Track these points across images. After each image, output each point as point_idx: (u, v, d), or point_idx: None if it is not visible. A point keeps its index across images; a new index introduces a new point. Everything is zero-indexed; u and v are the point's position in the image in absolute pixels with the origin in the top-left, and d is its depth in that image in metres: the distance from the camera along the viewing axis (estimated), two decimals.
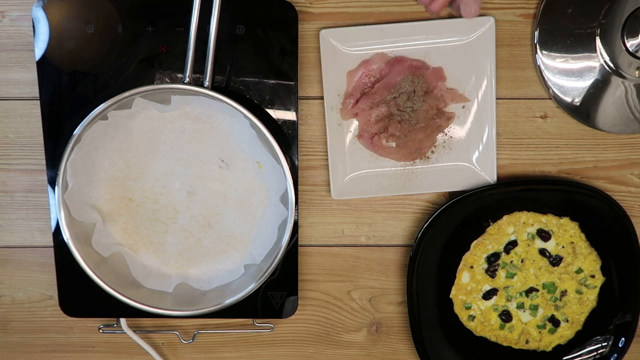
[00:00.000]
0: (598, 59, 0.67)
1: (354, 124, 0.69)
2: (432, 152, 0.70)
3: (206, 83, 0.62)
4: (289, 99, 0.66)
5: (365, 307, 0.74)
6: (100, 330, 0.73)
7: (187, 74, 0.61)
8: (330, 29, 0.66)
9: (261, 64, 0.65)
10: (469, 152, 0.70)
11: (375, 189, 0.70)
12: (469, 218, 0.70)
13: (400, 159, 0.70)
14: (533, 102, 0.70)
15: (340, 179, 0.70)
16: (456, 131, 0.70)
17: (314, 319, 0.75)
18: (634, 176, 0.72)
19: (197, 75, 0.62)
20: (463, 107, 0.69)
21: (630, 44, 0.65)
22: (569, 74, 0.68)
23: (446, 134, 0.70)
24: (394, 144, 0.69)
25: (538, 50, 0.67)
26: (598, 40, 0.66)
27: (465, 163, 0.70)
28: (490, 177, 0.70)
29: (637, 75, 0.66)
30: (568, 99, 0.68)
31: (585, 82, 0.68)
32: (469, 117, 0.69)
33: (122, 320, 0.71)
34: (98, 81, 0.65)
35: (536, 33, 0.67)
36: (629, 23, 0.64)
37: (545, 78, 0.68)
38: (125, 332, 0.72)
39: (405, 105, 0.67)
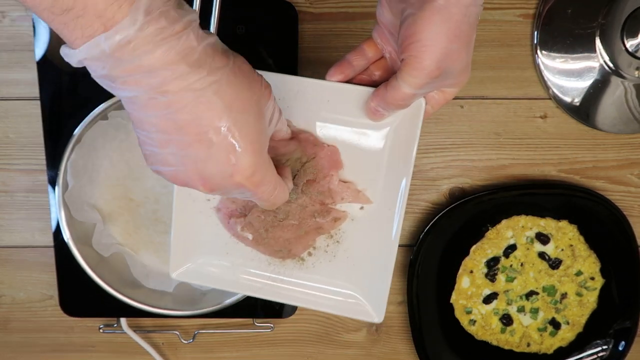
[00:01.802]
0: (598, 59, 0.67)
1: None
2: (310, 254, 0.53)
3: None
4: None
5: None
6: (101, 330, 0.73)
7: None
8: None
9: (261, 64, 0.65)
10: (355, 269, 0.53)
11: (229, 282, 0.54)
12: (468, 223, 0.70)
13: (264, 253, 0.53)
14: (533, 102, 0.70)
15: (183, 257, 0.54)
16: (347, 237, 0.53)
17: (314, 318, 0.75)
18: (634, 176, 0.72)
19: None
20: (362, 208, 0.52)
21: (630, 44, 0.65)
22: (569, 74, 0.68)
23: (332, 237, 0.53)
24: (250, 236, 0.52)
25: (538, 50, 0.67)
26: (598, 41, 0.66)
27: (347, 284, 0.54)
28: (377, 313, 0.52)
29: (636, 76, 0.66)
30: (568, 99, 0.68)
31: (585, 82, 0.68)
32: (367, 225, 0.52)
33: (122, 320, 0.71)
34: None
35: (536, 33, 0.67)
36: (629, 23, 0.65)
37: (545, 78, 0.68)
38: (125, 332, 0.71)
39: None
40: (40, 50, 0.64)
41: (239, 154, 0.37)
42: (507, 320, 0.72)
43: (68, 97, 0.65)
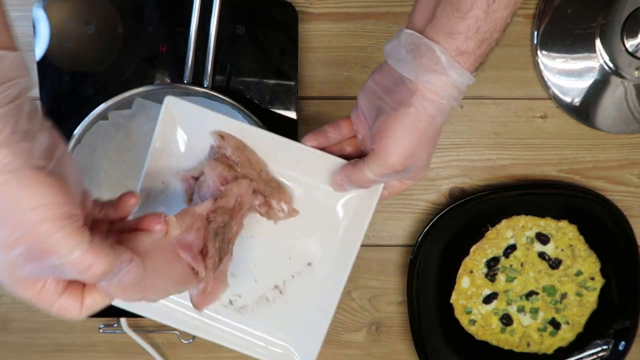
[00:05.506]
0: (598, 59, 0.67)
1: None
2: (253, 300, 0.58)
3: (206, 83, 0.62)
4: (289, 99, 0.66)
5: (365, 307, 0.74)
6: (101, 330, 0.73)
7: (187, 74, 0.61)
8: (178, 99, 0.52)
9: (261, 64, 0.65)
10: (291, 320, 0.58)
11: (164, 314, 0.57)
12: (468, 223, 0.70)
13: None
14: (533, 102, 0.70)
15: None
16: (291, 289, 0.58)
17: None
18: (634, 176, 0.72)
19: (198, 75, 0.63)
20: (309, 264, 0.57)
21: (630, 44, 0.65)
22: (569, 74, 0.68)
23: (277, 287, 0.58)
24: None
25: (538, 51, 0.67)
26: (598, 41, 0.66)
27: (281, 334, 0.58)
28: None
29: (636, 76, 0.66)
30: (568, 99, 0.68)
31: (585, 82, 0.68)
32: (312, 281, 0.57)
33: (122, 320, 0.71)
34: (98, 81, 0.65)
35: (536, 33, 0.67)
36: (629, 23, 0.65)
37: (545, 78, 0.68)
38: (125, 332, 0.72)
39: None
40: (40, 50, 0.64)
41: None
42: (507, 320, 0.72)
43: (68, 97, 0.65)
